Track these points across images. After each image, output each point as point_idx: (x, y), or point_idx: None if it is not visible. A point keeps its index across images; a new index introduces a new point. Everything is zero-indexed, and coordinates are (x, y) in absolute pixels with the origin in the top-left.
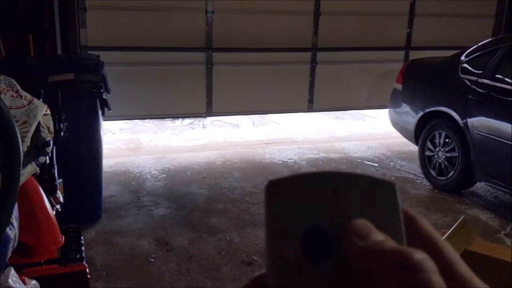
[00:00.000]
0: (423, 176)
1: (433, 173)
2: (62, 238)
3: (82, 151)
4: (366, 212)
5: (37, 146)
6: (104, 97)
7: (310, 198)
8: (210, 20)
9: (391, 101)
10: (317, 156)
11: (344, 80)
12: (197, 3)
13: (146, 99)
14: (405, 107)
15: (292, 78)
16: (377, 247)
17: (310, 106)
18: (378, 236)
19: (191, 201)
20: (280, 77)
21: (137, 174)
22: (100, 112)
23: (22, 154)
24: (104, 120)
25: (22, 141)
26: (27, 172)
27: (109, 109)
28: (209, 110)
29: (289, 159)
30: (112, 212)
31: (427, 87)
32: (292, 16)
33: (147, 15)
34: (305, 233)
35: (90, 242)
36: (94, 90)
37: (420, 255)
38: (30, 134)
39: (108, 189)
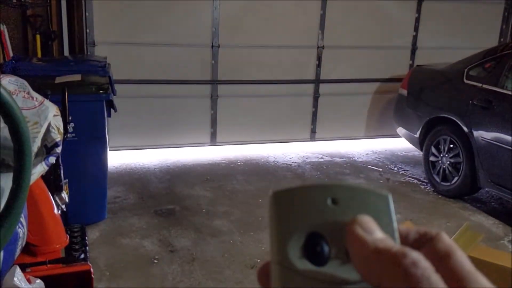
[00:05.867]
0: (427, 181)
1: (437, 179)
2: (66, 238)
3: (87, 151)
4: None
5: (47, 147)
6: (110, 98)
7: (311, 207)
8: (215, 54)
9: (396, 106)
10: (321, 160)
11: (346, 111)
12: (204, 39)
13: (151, 130)
14: (410, 113)
15: (296, 109)
16: (380, 242)
17: (313, 136)
18: (380, 234)
19: (195, 202)
20: (283, 108)
21: (142, 175)
22: (106, 113)
23: (33, 154)
24: (109, 150)
25: (33, 141)
26: (37, 172)
27: (115, 110)
28: (213, 140)
29: (292, 162)
30: (116, 212)
31: (432, 93)
32: (296, 50)
33: (155, 50)
34: (307, 239)
35: (94, 242)
36: (101, 91)
37: (416, 254)
38: (40, 135)
39: (112, 190)
